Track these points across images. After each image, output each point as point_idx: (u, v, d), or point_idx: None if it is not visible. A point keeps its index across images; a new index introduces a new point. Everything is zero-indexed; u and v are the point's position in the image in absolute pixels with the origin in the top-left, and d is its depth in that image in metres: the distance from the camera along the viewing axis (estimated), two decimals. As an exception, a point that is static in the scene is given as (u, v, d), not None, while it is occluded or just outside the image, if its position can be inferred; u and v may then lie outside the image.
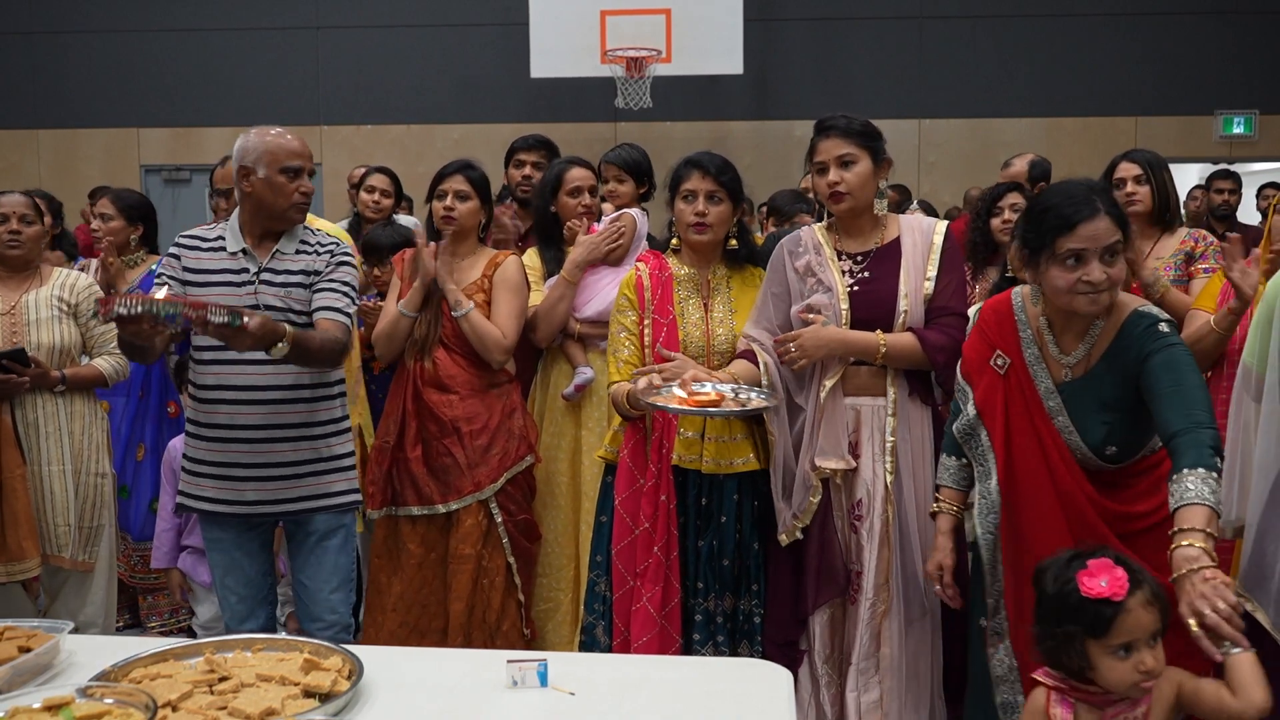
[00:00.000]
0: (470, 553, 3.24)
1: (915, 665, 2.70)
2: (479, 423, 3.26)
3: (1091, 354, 2.27)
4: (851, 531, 2.72)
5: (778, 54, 9.21)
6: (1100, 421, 2.26)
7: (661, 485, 2.77)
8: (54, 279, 3.36)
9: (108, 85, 9.74)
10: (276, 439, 2.78)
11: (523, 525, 3.34)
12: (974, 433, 2.41)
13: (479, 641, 3.26)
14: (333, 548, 2.89)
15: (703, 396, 2.51)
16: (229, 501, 2.79)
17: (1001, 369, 2.36)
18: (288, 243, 2.84)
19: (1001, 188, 3.81)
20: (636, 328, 2.87)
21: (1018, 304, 2.39)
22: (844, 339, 2.66)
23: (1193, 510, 1.92)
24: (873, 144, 2.69)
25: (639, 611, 2.76)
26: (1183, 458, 1.99)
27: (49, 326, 3.27)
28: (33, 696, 1.63)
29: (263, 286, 2.79)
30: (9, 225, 3.28)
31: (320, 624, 2.87)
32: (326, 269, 2.85)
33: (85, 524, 3.30)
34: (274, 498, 2.80)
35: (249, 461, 2.77)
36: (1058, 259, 2.18)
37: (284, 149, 2.76)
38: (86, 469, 3.30)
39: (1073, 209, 2.17)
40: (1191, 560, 1.85)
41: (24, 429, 3.19)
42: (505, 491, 3.28)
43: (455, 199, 3.29)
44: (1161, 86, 9.10)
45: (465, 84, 9.43)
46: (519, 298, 3.32)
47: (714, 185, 2.79)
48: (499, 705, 1.79)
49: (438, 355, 3.29)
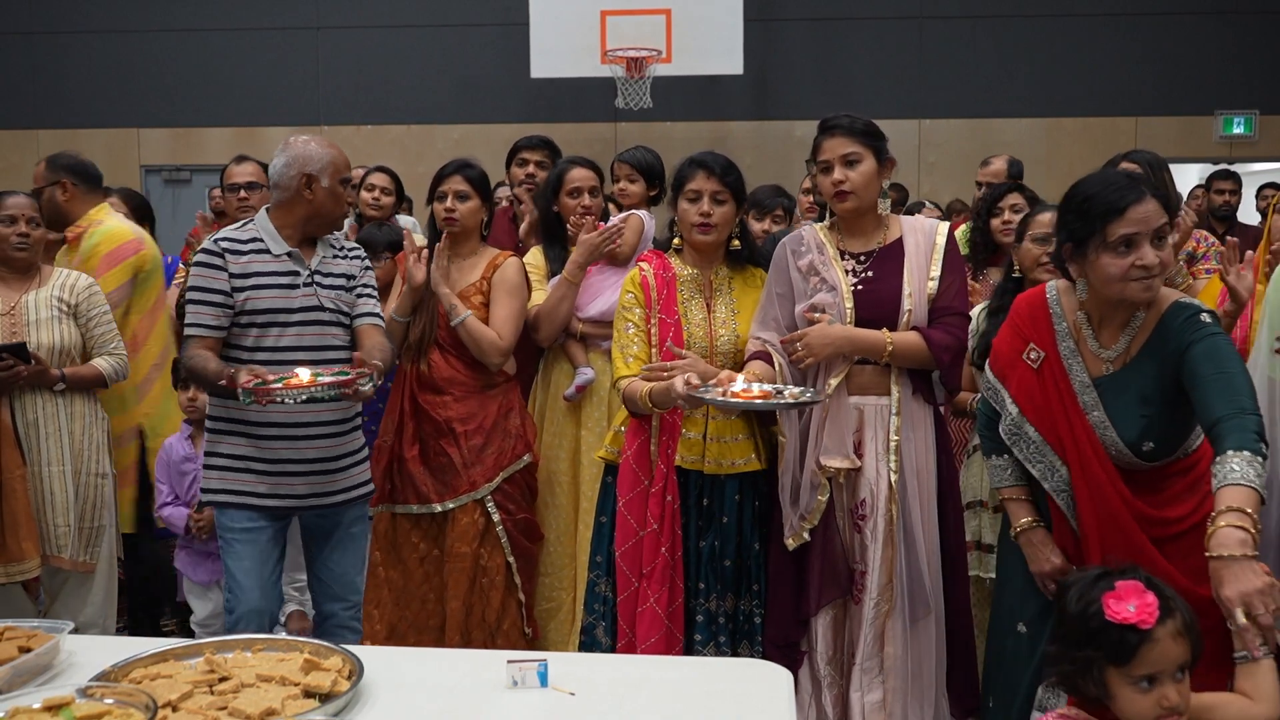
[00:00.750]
0: (466, 551, 3.26)
1: (920, 665, 2.70)
2: (474, 423, 3.28)
3: (1131, 347, 2.22)
4: (855, 531, 2.72)
5: (778, 54, 9.21)
6: (1139, 415, 2.20)
7: (667, 487, 2.77)
8: (54, 279, 3.36)
9: (108, 85, 9.74)
10: (325, 435, 2.88)
11: (523, 524, 3.35)
12: (1020, 431, 2.34)
13: (479, 640, 3.28)
14: (360, 534, 3.03)
15: (752, 392, 2.49)
16: (276, 495, 2.86)
17: (1035, 363, 2.31)
18: (324, 246, 2.94)
19: (1002, 188, 3.80)
20: (644, 324, 2.86)
21: (1053, 297, 2.35)
22: (851, 337, 2.66)
23: (1238, 490, 1.86)
24: (876, 143, 2.69)
25: (645, 613, 2.76)
26: (1227, 440, 1.94)
27: (49, 327, 3.27)
28: (33, 697, 1.63)
29: (319, 289, 2.88)
30: (18, 228, 3.29)
31: (344, 604, 2.99)
32: (360, 274, 3.00)
33: (85, 524, 3.30)
34: (323, 490, 2.90)
35: (299, 458, 2.86)
36: (1109, 246, 2.13)
37: (344, 161, 2.92)
38: (87, 469, 3.30)
39: (1119, 194, 2.14)
40: (1241, 544, 1.79)
41: (24, 429, 3.19)
42: (503, 490, 3.30)
43: (455, 199, 3.32)
44: (1161, 87, 9.09)
45: (465, 84, 9.42)
46: (517, 300, 3.34)
47: (719, 186, 2.79)
48: (499, 705, 1.79)
49: (433, 357, 3.32)
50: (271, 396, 2.52)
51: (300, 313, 2.84)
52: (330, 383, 2.55)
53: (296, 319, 2.84)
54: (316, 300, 2.86)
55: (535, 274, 3.56)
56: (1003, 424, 2.39)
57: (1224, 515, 1.84)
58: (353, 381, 2.59)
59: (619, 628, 2.86)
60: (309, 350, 2.84)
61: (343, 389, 2.57)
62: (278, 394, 2.51)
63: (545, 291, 3.49)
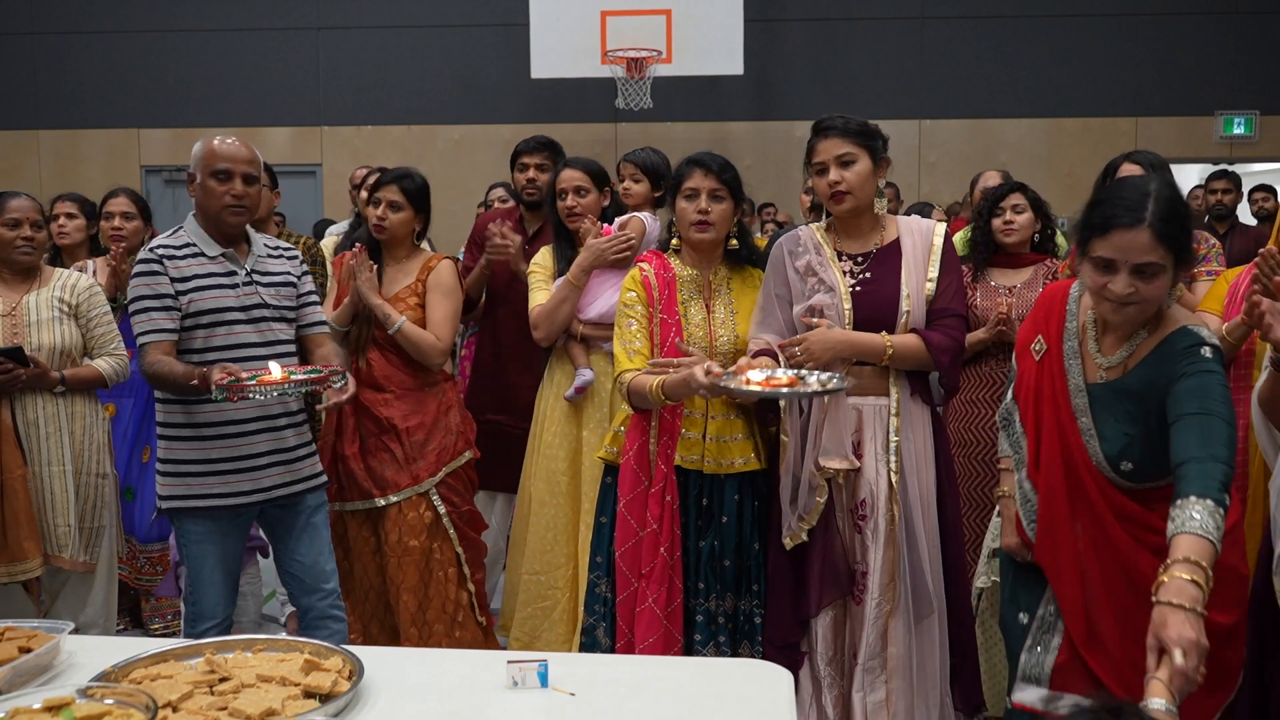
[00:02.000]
0: (416, 544, 3.34)
1: (923, 664, 2.70)
2: (414, 420, 3.36)
3: (1128, 361, 2.15)
4: (855, 532, 2.72)
5: (778, 55, 9.21)
6: (1122, 432, 2.13)
7: (667, 487, 2.78)
8: (54, 280, 3.36)
9: (108, 86, 9.75)
10: (280, 427, 2.93)
11: (467, 516, 3.46)
12: (1010, 418, 2.39)
13: (440, 631, 3.37)
14: (321, 522, 3.05)
15: (777, 380, 2.48)
16: (239, 494, 2.88)
17: (1037, 354, 2.28)
18: (257, 246, 2.98)
19: (1004, 188, 3.79)
20: (647, 321, 2.85)
21: (1074, 294, 2.29)
22: (850, 341, 2.65)
23: (1195, 541, 1.77)
24: (871, 143, 2.69)
25: (644, 613, 2.76)
26: (1191, 484, 1.84)
27: (50, 327, 3.27)
28: (33, 697, 1.63)
29: (259, 287, 2.92)
30: (22, 231, 3.29)
31: (320, 594, 3.02)
32: (301, 278, 3.04)
33: (86, 525, 3.29)
34: (282, 481, 2.94)
35: (257, 451, 2.90)
36: (1090, 259, 2.08)
37: (214, 154, 2.86)
38: (87, 469, 3.30)
39: (1114, 212, 2.02)
40: (1193, 599, 1.70)
41: (24, 429, 3.19)
42: (446, 484, 3.39)
43: (388, 208, 3.41)
44: (1162, 87, 9.10)
45: (466, 85, 9.43)
46: (451, 300, 3.43)
47: (716, 183, 2.80)
48: (499, 706, 1.79)
49: (372, 356, 3.41)
50: (245, 393, 2.53)
51: (243, 310, 2.89)
52: (304, 380, 2.61)
53: (242, 317, 2.88)
54: (259, 298, 2.91)
55: (541, 274, 3.57)
56: (1002, 405, 2.44)
57: (1178, 565, 1.75)
58: (326, 379, 2.64)
59: (618, 628, 2.86)
60: (258, 346, 2.88)
61: (315, 386, 2.62)
62: (251, 390, 2.53)
63: (549, 291, 3.50)
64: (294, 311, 3.01)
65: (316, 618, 3.02)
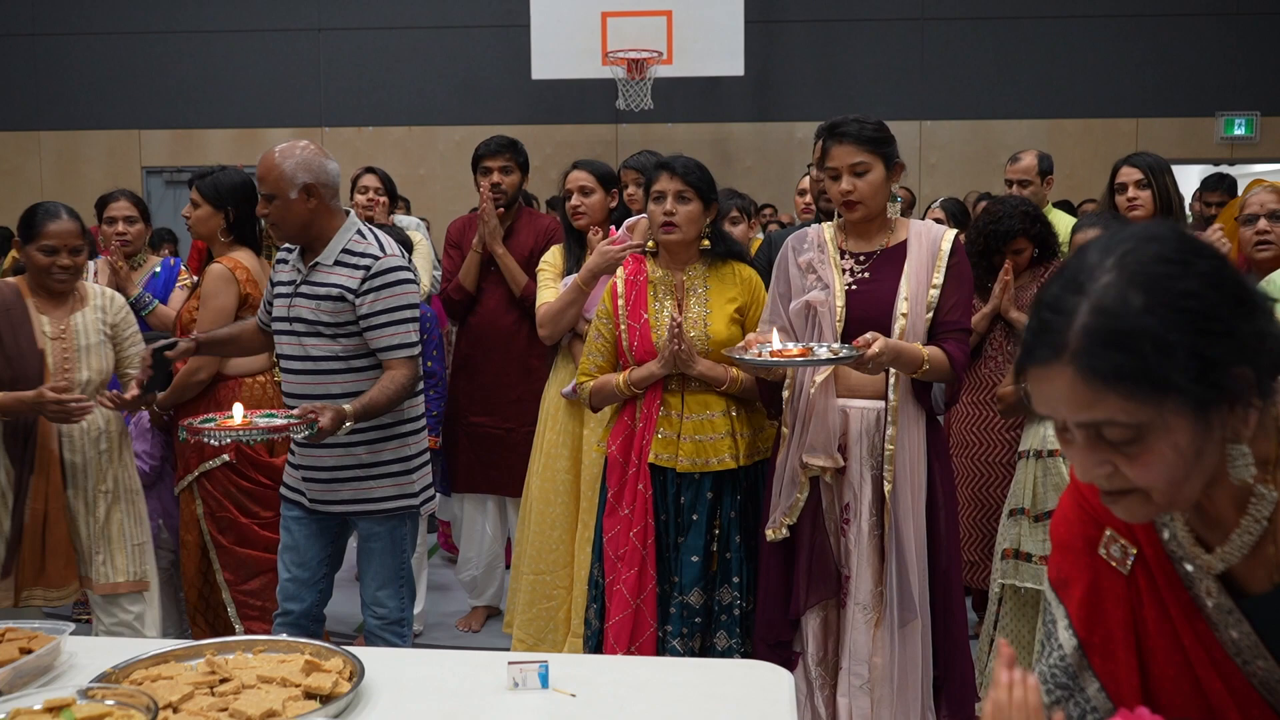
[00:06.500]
0: (190, 540, 3.43)
1: (905, 674, 2.65)
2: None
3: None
4: (842, 534, 2.70)
5: (779, 56, 9.21)
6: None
7: (639, 475, 2.86)
8: (92, 298, 3.21)
9: (109, 87, 9.75)
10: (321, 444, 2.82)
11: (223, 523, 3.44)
12: (1076, 679, 1.31)
13: (222, 625, 3.41)
14: (376, 550, 2.93)
15: (790, 351, 2.48)
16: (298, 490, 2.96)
17: (1121, 563, 1.28)
18: (328, 254, 2.83)
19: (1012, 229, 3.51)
20: (613, 335, 2.95)
21: None
22: (897, 350, 2.53)
23: None
24: (885, 150, 2.65)
25: (616, 593, 2.84)
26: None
27: (99, 351, 3.15)
28: (34, 698, 1.63)
29: (298, 299, 2.84)
30: (59, 259, 3.05)
31: (371, 613, 2.98)
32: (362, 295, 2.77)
33: (133, 542, 3.24)
34: (323, 498, 2.91)
35: (302, 464, 2.91)
36: None
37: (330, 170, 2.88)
38: (124, 487, 3.25)
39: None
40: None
41: (69, 454, 3.12)
42: (203, 486, 3.40)
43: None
44: (1162, 88, 9.10)
45: (466, 86, 9.43)
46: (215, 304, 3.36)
47: (682, 185, 2.84)
48: (500, 707, 1.79)
49: None
50: (200, 436, 2.52)
51: (286, 321, 2.87)
52: (263, 428, 2.54)
53: (284, 327, 2.88)
54: (297, 311, 2.83)
55: (550, 271, 3.58)
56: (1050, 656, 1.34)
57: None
58: (284, 429, 2.53)
59: (606, 610, 2.92)
60: (296, 360, 2.85)
61: (271, 436, 2.55)
62: (207, 434, 2.50)
63: (556, 290, 3.51)
64: (343, 327, 2.79)
65: (368, 633, 3.01)
